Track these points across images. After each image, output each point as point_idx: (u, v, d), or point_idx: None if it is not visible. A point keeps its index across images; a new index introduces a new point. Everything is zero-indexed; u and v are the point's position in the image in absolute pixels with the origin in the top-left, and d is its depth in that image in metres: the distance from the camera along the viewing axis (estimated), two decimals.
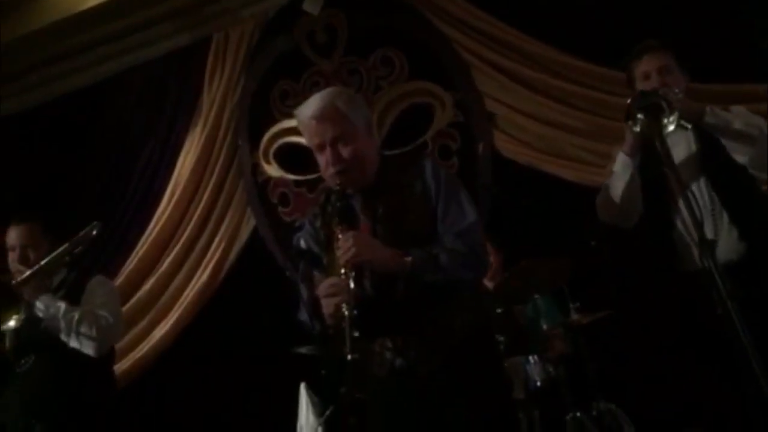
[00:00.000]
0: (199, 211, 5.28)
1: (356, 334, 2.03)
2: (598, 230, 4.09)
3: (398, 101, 5.11)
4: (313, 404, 4.83)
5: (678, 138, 2.59)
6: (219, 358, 5.05)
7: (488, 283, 4.25)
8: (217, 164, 5.32)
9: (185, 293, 5.20)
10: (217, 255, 5.25)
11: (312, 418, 4.84)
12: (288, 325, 4.99)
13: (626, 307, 3.81)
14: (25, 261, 2.83)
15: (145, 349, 5.09)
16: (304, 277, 2.32)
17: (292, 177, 5.24)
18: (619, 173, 2.55)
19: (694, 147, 2.58)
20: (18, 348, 2.77)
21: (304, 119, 2.34)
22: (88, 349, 2.72)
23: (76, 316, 2.72)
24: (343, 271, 2.14)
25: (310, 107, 2.33)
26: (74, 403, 2.73)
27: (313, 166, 5.10)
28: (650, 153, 2.56)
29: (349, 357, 2.00)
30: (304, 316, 2.29)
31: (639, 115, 2.33)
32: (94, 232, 3.01)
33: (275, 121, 5.33)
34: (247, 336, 5.09)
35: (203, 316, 5.22)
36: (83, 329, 2.71)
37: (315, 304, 2.21)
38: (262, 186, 5.31)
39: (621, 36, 4.18)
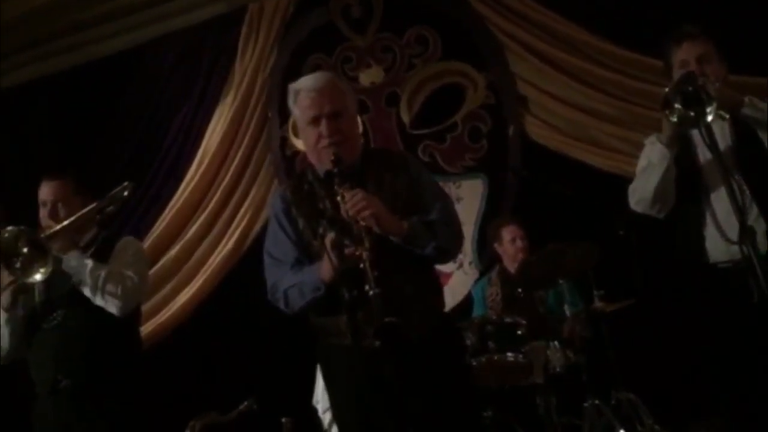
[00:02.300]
0: (226, 181, 5.30)
1: (376, 273, 2.06)
2: (626, 219, 4.08)
3: (430, 80, 5.08)
4: None
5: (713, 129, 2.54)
6: (240, 327, 5.09)
7: (511, 266, 4.24)
8: (246, 135, 5.33)
9: (209, 261, 5.24)
10: (243, 225, 5.27)
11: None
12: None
13: (651, 298, 3.78)
14: (55, 216, 2.86)
15: (167, 315, 5.14)
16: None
17: None
18: (655, 164, 2.51)
19: (729, 139, 2.53)
20: (47, 302, 2.81)
21: (303, 90, 2.39)
22: (113, 307, 2.75)
23: (103, 274, 2.75)
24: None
25: (310, 80, 2.43)
26: (101, 361, 2.75)
27: None
28: (685, 144, 2.54)
29: (371, 292, 2.03)
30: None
31: (676, 105, 2.30)
32: (126, 193, 3.04)
33: None
34: (269, 306, 5.13)
35: (226, 285, 5.26)
36: (109, 288, 2.73)
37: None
38: (289, 159, 5.32)
39: (659, 22, 4.13)
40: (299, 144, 5.30)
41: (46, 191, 2.90)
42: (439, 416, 2.25)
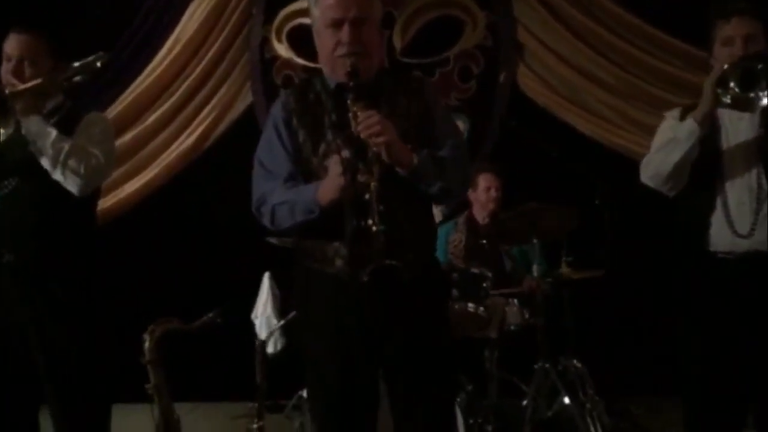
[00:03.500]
0: (196, 73, 4.97)
1: (381, 208, 1.89)
2: (604, 189, 4.02)
3: (430, 9, 4.84)
4: (274, 297, 4.72)
5: (740, 118, 2.42)
6: (186, 228, 4.88)
7: (480, 214, 4.13)
8: (226, 27, 4.97)
9: (164, 155, 4.95)
10: (205, 124, 4.99)
11: (270, 310, 4.73)
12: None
13: (618, 272, 3.75)
14: (19, 75, 2.54)
15: (112, 201, 4.85)
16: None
17: (302, 61, 4.95)
18: (681, 139, 2.37)
19: (757, 130, 2.42)
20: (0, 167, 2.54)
21: None
22: (72, 185, 2.49)
23: (66, 147, 2.48)
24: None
25: None
26: (51, 238, 2.51)
27: None
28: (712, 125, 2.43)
29: (374, 228, 1.86)
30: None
31: (731, 84, 2.16)
32: (99, 64, 2.74)
33: None
34: (219, 212, 4.92)
35: (178, 182, 5.00)
36: (71, 163, 2.47)
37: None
38: (267, 63, 5.02)
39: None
40: (281, 49, 5.01)
41: (13, 45, 2.58)
42: (412, 363, 2.13)
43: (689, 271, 2.46)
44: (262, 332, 4.79)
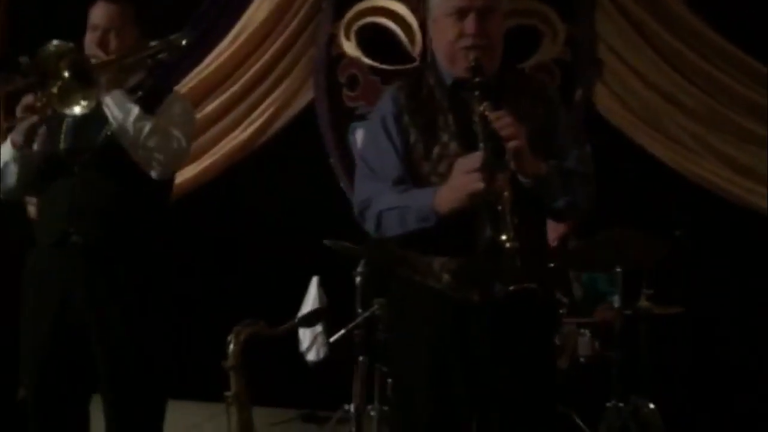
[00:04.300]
0: (259, 65, 4.80)
1: (516, 220, 1.69)
2: (684, 220, 3.79)
3: (508, 16, 4.60)
4: (321, 303, 4.53)
5: None
6: (236, 221, 4.72)
7: (551, 234, 3.91)
8: (293, 20, 4.79)
9: (220, 144, 4.80)
10: (264, 117, 4.82)
11: None
12: (315, 213, 4.71)
13: (700, 310, 3.52)
14: (104, 46, 2.37)
15: None
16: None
17: (369, 61, 4.76)
18: None
19: None
20: (72, 150, 2.35)
21: None
22: (151, 168, 2.32)
23: (148, 126, 2.30)
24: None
25: None
26: (123, 221, 2.34)
27: (395, 57, 4.79)
28: None
29: (508, 245, 1.65)
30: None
31: None
32: (184, 42, 2.57)
33: None
34: (271, 208, 4.76)
35: (232, 174, 4.84)
36: (152, 144, 2.29)
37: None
38: (333, 60, 4.84)
39: None
40: (348, 47, 4.83)
41: (100, 14, 2.41)
42: (515, 396, 1.92)
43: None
44: (305, 339, 4.62)
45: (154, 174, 2.33)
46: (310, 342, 4.53)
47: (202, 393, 4.10)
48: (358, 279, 3.85)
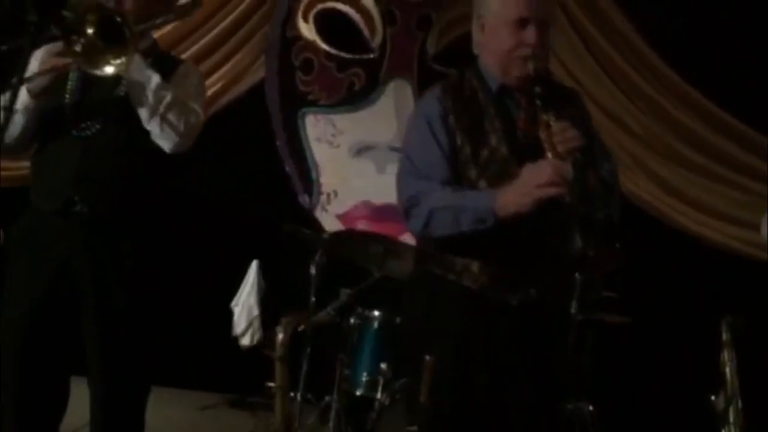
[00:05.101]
0: (209, 36, 4.63)
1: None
2: (624, 235, 4.01)
3: (458, 22, 4.66)
4: (259, 288, 4.44)
5: None
6: (173, 200, 4.50)
7: None
8: None
9: None
10: (211, 91, 4.63)
11: (253, 300, 4.45)
12: (258, 195, 4.60)
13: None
14: (119, 3, 2.22)
15: None
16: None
17: (325, 47, 4.70)
18: None
19: None
20: (79, 105, 2.18)
21: None
22: (166, 141, 2.18)
23: (168, 97, 2.15)
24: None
25: None
26: (130, 192, 2.20)
27: (352, 45, 4.73)
28: None
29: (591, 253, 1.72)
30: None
31: None
32: (194, 8, 2.44)
33: None
34: (211, 189, 4.60)
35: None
36: (171, 116, 2.15)
37: None
38: (288, 42, 4.74)
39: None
40: (306, 30, 4.74)
41: None
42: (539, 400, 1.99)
43: None
44: (240, 323, 4.51)
45: (167, 146, 2.20)
46: (246, 326, 4.45)
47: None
48: (312, 268, 3.77)
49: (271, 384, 1.63)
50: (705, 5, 4.36)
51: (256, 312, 4.42)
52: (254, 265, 4.45)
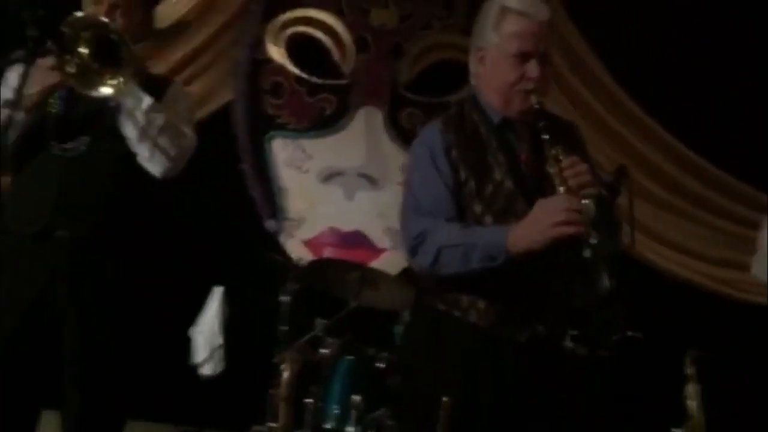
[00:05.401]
0: (177, 55, 4.51)
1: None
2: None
3: (440, 49, 4.67)
4: (224, 315, 4.30)
5: None
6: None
7: None
8: (218, 13, 4.56)
9: None
10: None
11: (216, 326, 4.30)
12: (221, 219, 4.48)
13: None
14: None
15: None
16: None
17: (296, 71, 4.63)
18: None
19: None
20: (64, 120, 2.05)
21: (518, 13, 1.95)
22: (157, 165, 2.08)
23: (160, 120, 2.06)
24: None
25: (529, 4, 1.96)
26: (113, 217, 2.09)
27: (323, 70, 4.67)
28: None
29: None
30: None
31: None
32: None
33: (299, 3, 4.68)
34: (174, 210, 4.44)
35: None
36: (162, 141, 2.06)
37: None
38: (256, 64, 4.65)
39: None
40: (275, 53, 4.66)
41: None
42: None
43: None
44: (200, 351, 4.35)
45: (157, 171, 2.10)
46: (207, 355, 4.29)
47: None
48: (283, 297, 3.67)
49: (273, 424, 1.53)
50: (670, 41, 4.48)
51: (219, 341, 4.27)
52: (218, 292, 4.30)
